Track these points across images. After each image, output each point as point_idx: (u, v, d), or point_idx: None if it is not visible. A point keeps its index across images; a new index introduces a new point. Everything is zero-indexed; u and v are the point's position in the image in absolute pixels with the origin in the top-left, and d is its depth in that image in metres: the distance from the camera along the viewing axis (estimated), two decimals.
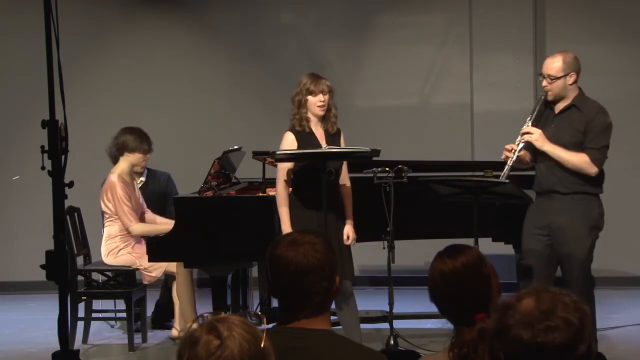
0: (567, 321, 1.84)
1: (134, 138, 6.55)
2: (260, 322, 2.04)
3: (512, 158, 5.26)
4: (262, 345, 1.87)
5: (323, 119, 5.52)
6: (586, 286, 5.30)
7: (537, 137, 5.28)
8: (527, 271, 5.39)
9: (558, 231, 5.31)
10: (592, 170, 5.28)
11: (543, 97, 5.39)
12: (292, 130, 5.51)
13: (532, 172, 5.54)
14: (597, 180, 5.35)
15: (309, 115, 5.49)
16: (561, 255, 5.33)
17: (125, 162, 6.54)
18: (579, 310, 1.88)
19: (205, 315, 1.93)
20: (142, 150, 6.56)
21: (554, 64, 5.36)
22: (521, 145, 5.29)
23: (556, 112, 5.39)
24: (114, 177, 6.45)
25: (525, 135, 5.29)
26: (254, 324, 1.92)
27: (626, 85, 8.45)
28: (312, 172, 5.40)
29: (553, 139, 5.30)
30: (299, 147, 5.42)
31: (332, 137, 5.52)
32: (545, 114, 5.42)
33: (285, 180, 5.47)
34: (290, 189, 5.49)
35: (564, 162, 5.28)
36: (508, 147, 5.33)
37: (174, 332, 6.47)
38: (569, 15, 8.53)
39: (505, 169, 5.25)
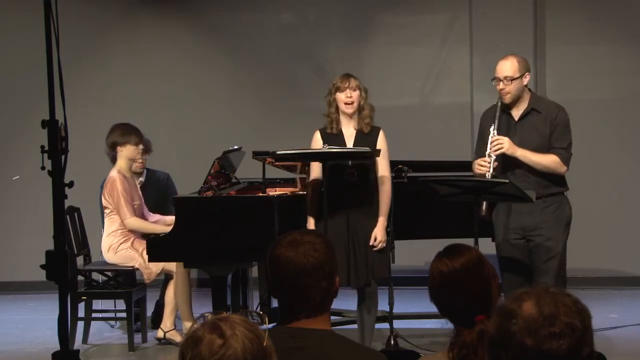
0: (572, 326, 1.82)
1: (121, 132, 6.58)
2: (262, 321, 2.05)
3: (489, 172, 5.27)
4: (264, 344, 1.87)
5: (357, 119, 5.54)
6: (561, 285, 5.34)
7: (507, 145, 5.28)
8: (506, 266, 5.44)
9: (532, 233, 5.35)
10: (562, 169, 5.38)
11: (500, 103, 5.35)
12: (322, 129, 5.57)
13: None
14: (564, 180, 5.44)
15: (340, 115, 5.52)
16: (536, 257, 5.35)
17: (122, 159, 6.57)
18: (581, 312, 1.86)
19: (206, 314, 1.93)
20: (133, 141, 6.56)
21: (510, 65, 5.34)
22: (494, 157, 5.29)
23: (516, 119, 5.40)
24: (113, 173, 6.52)
25: (496, 147, 5.28)
26: (255, 323, 1.92)
27: (626, 86, 8.45)
28: (335, 174, 5.46)
29: (521, 146, 5.31)
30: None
31: (365, 137, 5.53)
32: (504, 121, 5.39)
33: (313, 188, 5.54)
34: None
35: (535, 164, 5.32)
36: (481, 162, 5.32)
37: (159, 333, 6.47)
38: (569, 16, 8.53)
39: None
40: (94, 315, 6.64)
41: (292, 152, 5.54)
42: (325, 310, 2.61)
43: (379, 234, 5.46)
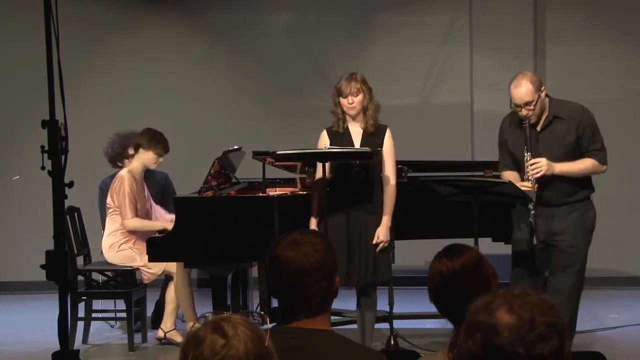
0: (551, 323, 1.82)
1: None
2: (264, 322, 2.05)
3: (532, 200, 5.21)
4: (266, 344, 1.87)
5: (362, 118, 5.55)
6: (577, 291, 5.36)
7: (545, 168, 5.21)
8: (516, 262, 5.44)
9: (555, 238, 5.33)
10: (602, 169, 5.41)
11: (528, 125, 5.26)
12: (328, 128, 5.59)
13: None
14: (590, 184, 5.44)
15: (345, 114, 5.56)
16: (555, 262, 5.34)
17: (138, 161, 6.58)
18: (552, 307, 1.84)
19: (207, 315, 1.93)
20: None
21: (526, 91, 5.22)
22: (533, 179, 5.21)
23: (539, 129, 5.36)
24: (124, 172, 6.52)
25: (534, 171, 5.21)
26: (256, 323, 1.92)
27: (626, 86, 8.46)
28: (340, 173, 5.46)
29: (545, 154, 5.27)
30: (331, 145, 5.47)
31: (371, 136, 5.54)
32: (527, 132, 5.33)
33: (317, 188, 5.53)
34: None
35: (576, 174, 5.31)
36: (522, 187, 5.21)
37: (160, 333, 6.47)
38: (569, 16, 8.53)
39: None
40: (94, 315, 6.65)
41: (292, 152, 5.54)
42: (325, 310, 2.61)
43: (382, 234, 5.46)
